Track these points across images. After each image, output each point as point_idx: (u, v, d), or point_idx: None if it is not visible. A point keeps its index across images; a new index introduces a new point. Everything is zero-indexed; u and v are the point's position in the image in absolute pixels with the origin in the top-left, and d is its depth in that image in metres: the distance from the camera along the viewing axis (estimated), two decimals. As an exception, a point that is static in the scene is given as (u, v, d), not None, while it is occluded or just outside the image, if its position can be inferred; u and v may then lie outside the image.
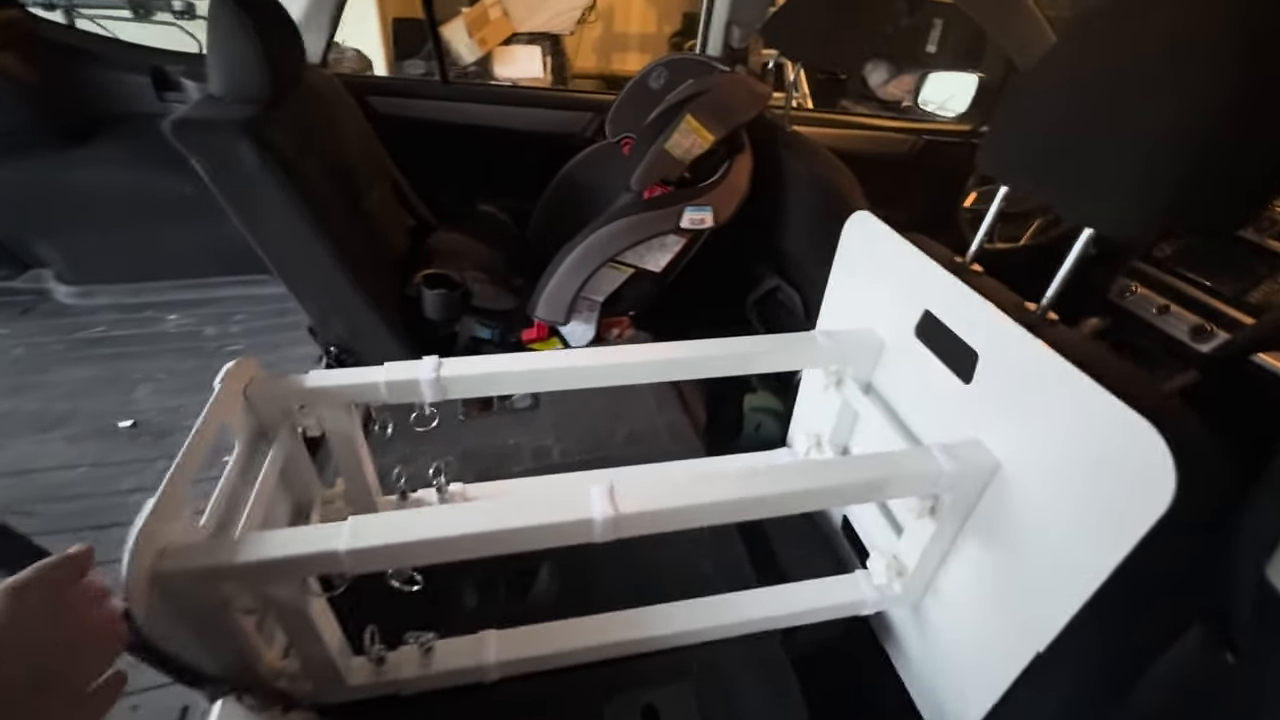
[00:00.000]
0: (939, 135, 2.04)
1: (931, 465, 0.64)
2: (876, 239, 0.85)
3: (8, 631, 0.37)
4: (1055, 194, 0.63)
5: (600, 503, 0.58)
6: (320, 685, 0.68)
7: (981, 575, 0.69)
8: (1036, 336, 0.60)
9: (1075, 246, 0.62)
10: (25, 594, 0.39)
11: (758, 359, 0.85)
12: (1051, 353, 0.58)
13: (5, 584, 0.38)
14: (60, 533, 1.00)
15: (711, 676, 0.76)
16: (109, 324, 1.56)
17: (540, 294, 1.34)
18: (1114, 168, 0.56)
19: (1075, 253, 0.62)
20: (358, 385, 0.74)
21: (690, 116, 1.19)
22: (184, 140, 1.03)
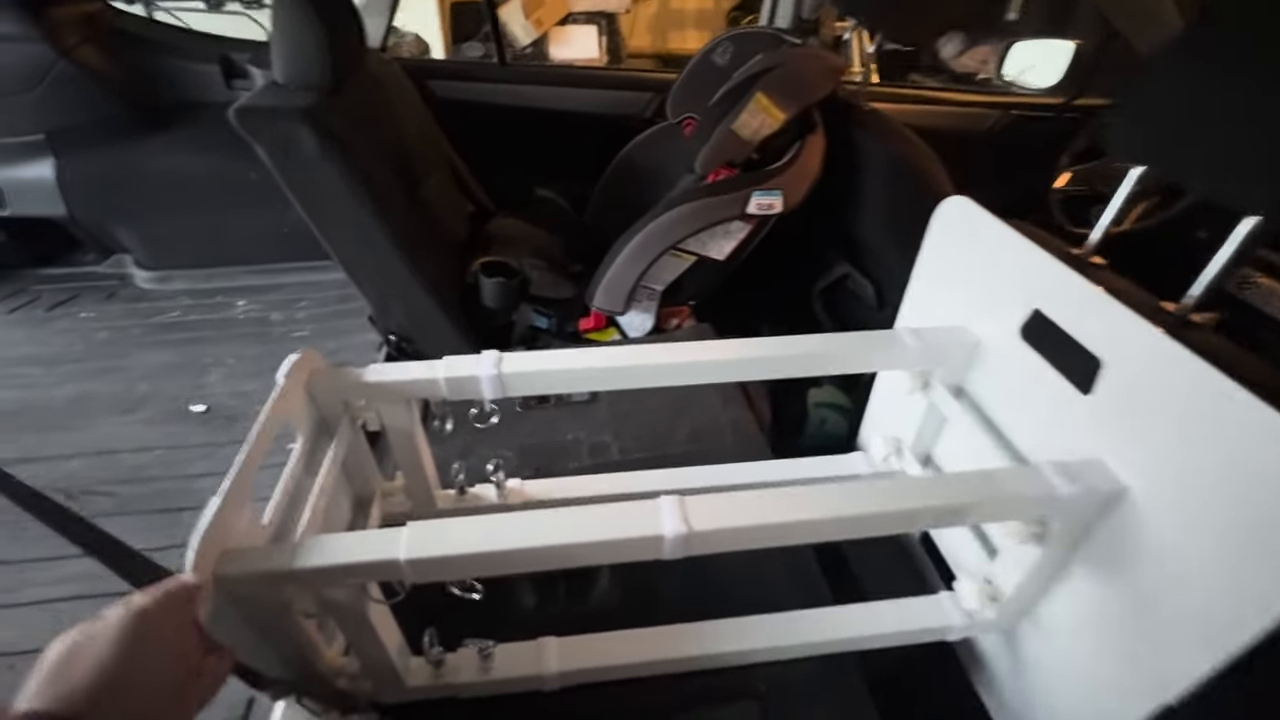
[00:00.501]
0: (1027, 109, 1.88)
1: (1043, 487, 0.57)
2: (974, 227, 0.77)
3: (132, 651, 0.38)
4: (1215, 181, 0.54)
5: (672, 519, 0.53)
6: (379, 685, 0.67)
7: (1095, 610, 0.62)
8: (1180, 343, 0.52)
9: (1236, 236, 0.53)
10: (147, 616, 0.40)
11: (837, 360, 0.79)
12: (1201, 363, 0.50)
13: (130, 605, 0.40)
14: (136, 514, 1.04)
15: (782, 698, 0.71)
16: (183, 309, 1.62)
17: (599, 282, 1.30)
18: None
19: (1236, 244, 0.53)
20: (417, 381, 0.72)
21: (761, 94, 1.11)
22: (247, 127, 1.04)
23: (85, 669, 0.37)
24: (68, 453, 1.19)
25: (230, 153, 1.53)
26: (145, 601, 0.41)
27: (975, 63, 4.03)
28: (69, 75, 1.50)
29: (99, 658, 0.38)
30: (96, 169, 1.59)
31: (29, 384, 1.38)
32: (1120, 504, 0.57)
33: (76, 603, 0.96)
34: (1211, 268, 0.56)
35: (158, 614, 0.41)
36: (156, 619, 0.41)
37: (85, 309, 1.64)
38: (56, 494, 1.10)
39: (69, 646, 0.38)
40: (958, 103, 1.88)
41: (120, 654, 0.38)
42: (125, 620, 0.39)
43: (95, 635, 0.39)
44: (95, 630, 0.39)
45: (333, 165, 1.07)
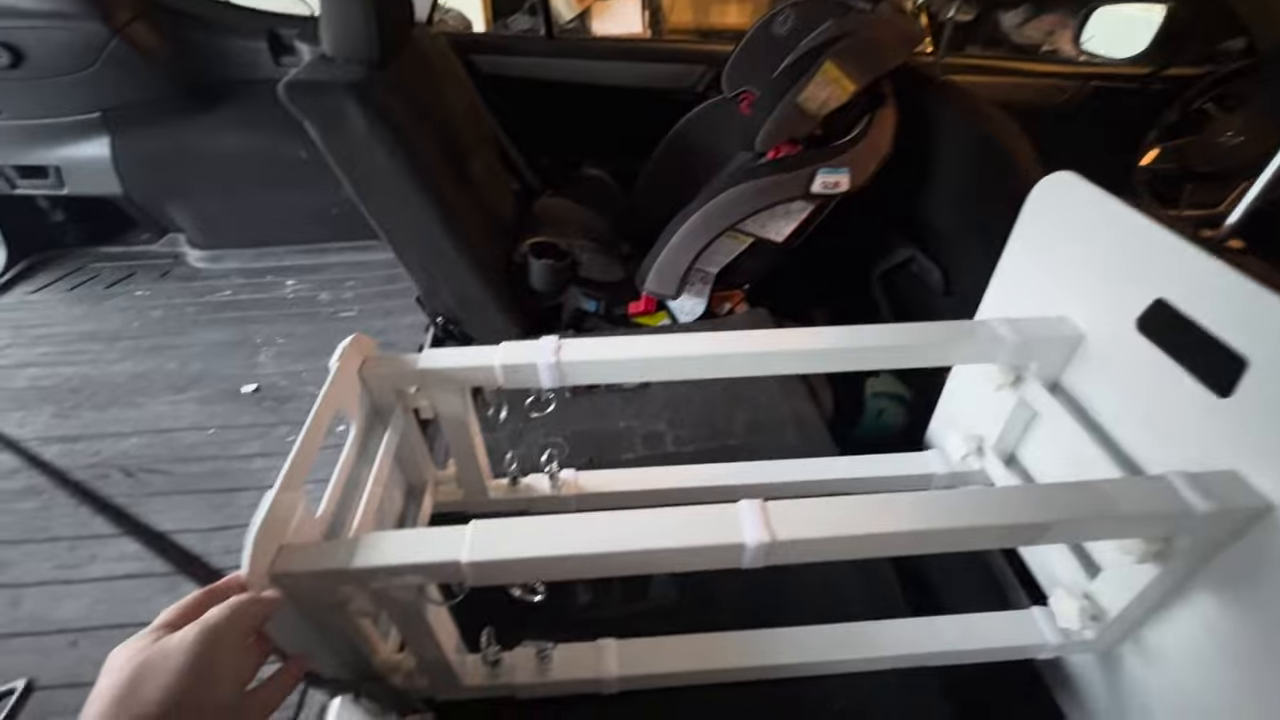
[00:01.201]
0: (1109, 81, 1.74)
1: (1174, 502, 0.50)
2: (1082, 205, 0.69)
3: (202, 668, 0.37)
4: None
5: (753, 526, 0.49)
6: (435, 683, 0.65)
7: (1219, 637, 0.55)
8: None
9: None
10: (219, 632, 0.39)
11: (917, 352, 0.72)
12: None
13: (205, 623, 0.39)
14: (192, 493, 1.05)
15: (857, 715, 0.66)
16: (235, 288, 1.63)
17: (651, 265, 1.25)
18: None
19: None
20: (473, 368, 0.69)
21: (830, 63, 1.03)
22: (296, 102, 1.01)
23: (158, 689, 0.35)
24: (126, 430, 1.21)
25: (279, 131, 1.52)
26: (215, 618, 0.39)
27: (1040, 33, 3.78)
28: (122, 53, 1.50)
29: (172, 676, 0.36)
30: (149, 147, 1.60)
31: (91, 360, 1.41)
32: (1261, 522, 0.50)
33: (136, 581, 0.97)
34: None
35: (228, 629, 0.39)
36: (227, 634, 0.39)
37: (141, 287, 1.67)
38: (115, 471, 1.13)
39: (140, 665, 0.36)
40: (1033, 74, 1.75)
41: (192, 672, 0.37)
42: (199, 638, 0.38)
43: (168, 653, 0.37)
44: (168, 648, 0.37)
45: (382, 141, 1.04)
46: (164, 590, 0.95)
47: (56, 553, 1.01)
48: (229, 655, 0.39)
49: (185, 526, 1.02)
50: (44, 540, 1.03)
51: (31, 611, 0.94)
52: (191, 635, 0.38)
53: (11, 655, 0.88)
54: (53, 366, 1.40)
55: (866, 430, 1.44)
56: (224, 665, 0.38)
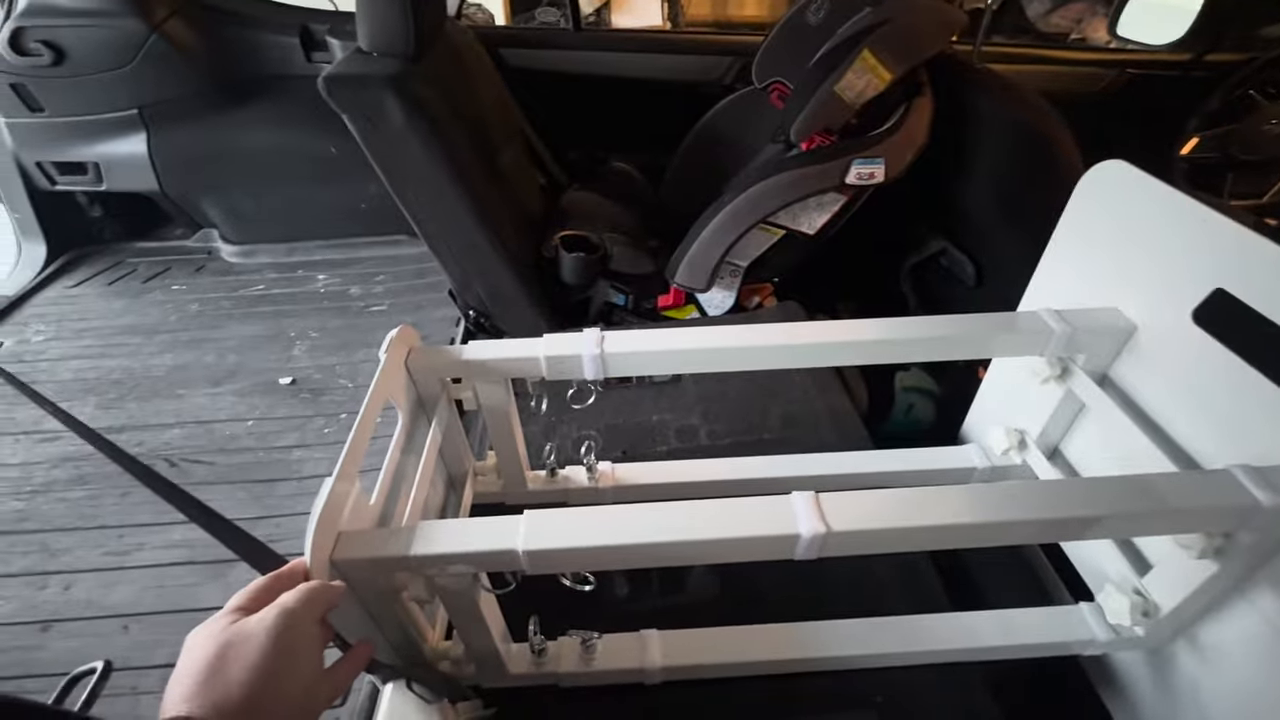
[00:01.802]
0: (1147, 69, 1.70)
1: (1238, 495, 0.49)
2: (1133, 194, 0.67)
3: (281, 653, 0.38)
4: None
5: (808, 518, 0.49)
6: (481, 670, 0.66)
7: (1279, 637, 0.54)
8: None
9: None
10: (295, 616, 0.40)
11: (962, 344, 0.71)
12: None
13: (282, 606, 0.40)
14: (233, 483, 1.07)
15: (898, 709, 0.66)
16: (268, 283, 1.66)
17: (681, 258, 1.24)
18: None
19: None
20: (517, 360, 0.69)
21: (868, 51, 1.02)
22: (335, 96, 1.02)
23: (242, 669, 0.36)
24: (168, 421, 1.24)
25: (311, 127, 1.54)
26: (292, 603, 0.40)
27: (1068, 21, 3.69)
28: (160, 50, 1.53)
29: (255, 657, 0.37)
30: (184, 143, 1.63)
31: (131, 352, 1.44)
32: (1329, 519, 0.49)
33: (185, 568, 1.00)
34: None
35: (305, 613, 0.40)
36: (303, 617, 0.40)
37: (177, 281, 1.71)
38: (160, 461, 1.16)
39: (222, 644, 0.37)
40: (1069, 63, 1.71)
41: (274, 653, 0.37)
42: (279, 620, 0.39)
43: (249, 634, 0.38)
44: (249, 629, 0.38)
45: (418, 134, 1.05)
46: (211, 577, 0.97)
47: (106, 540, 1.04)
48: (306, 638, 0.40)
49: (228, 516, 1.04)
50: (93, 528, 1.06)
51: (84, 597, 0.97)
52: (271, 617, 0.39)
53: (67, 639, 0.91)
54: (95, 359, 1.44)
55: (896, 425, 1.42)
56: (302, 647, 0.39)
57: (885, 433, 1.41)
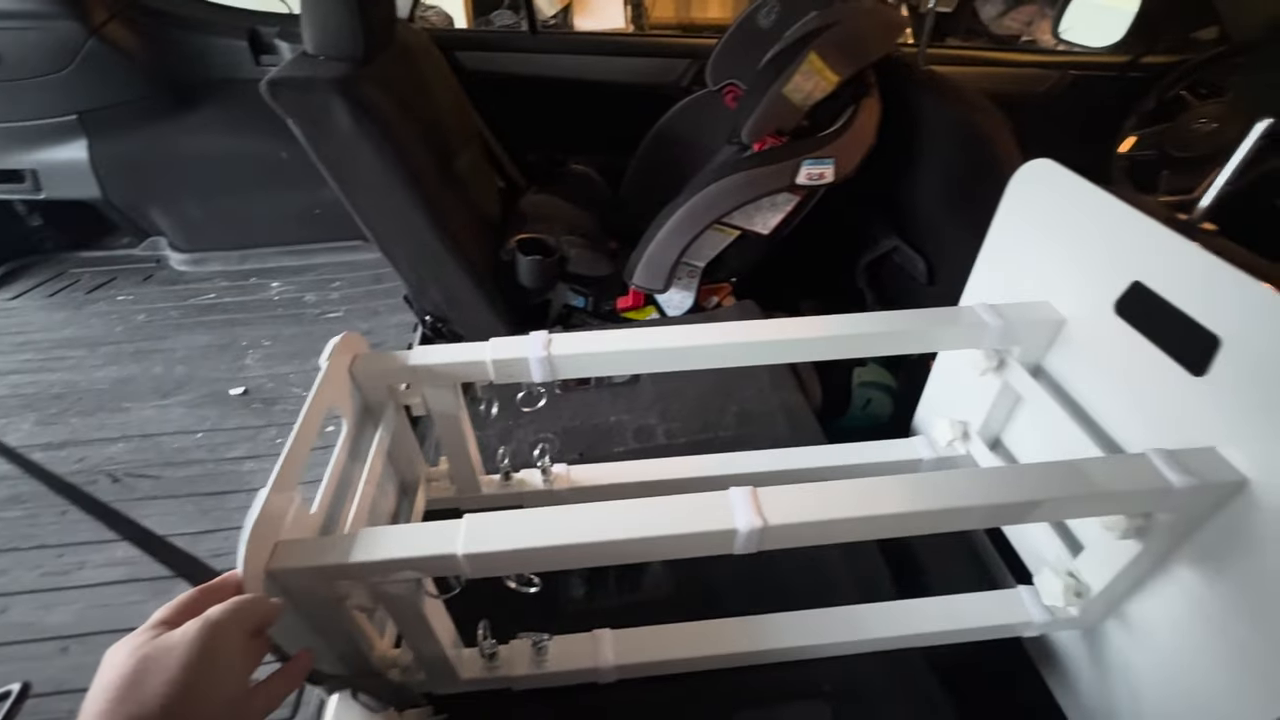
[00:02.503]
0: (1088, 70, 1.77)
1: (1154, 479, 0.52)
2: (1061, 192, 0.70)
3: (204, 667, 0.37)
4: None
5: (744, 512, 0.49)
6: (432, 677, 0.65)
7: (1201, 610, 0.56)
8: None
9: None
10: (220, 629, 0.39)
11: (903, 339, 0.73)
12: None
13: (206, 620, 0.39)
14: (182, 497, 1.04)
15: (850, 695, 0.67)
16: (219, 291, 1.62)
17: (638, 260, 1.25)
18: None
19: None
20: (464, 364, 0.69)
21: (814, 54, 1.04)
22: (279, 100, 1.00)
23: (161, 684, 0.35)
24: (112, 435, 1.20)
25: (261, 131, 1.51)
26: (217, 615, 0.39)
27: (1019, 24, 3.82)
28: (99, 54, 1.48)
29: (175, 671, 0.36)
30: (128, 150, 1.58)
31: (73, 366, 1.39)
32: (1238, 496, 0.52)
33: (126, 586, 0.96)
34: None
35: (230, 625, 0.39)
36: (229, 630, 0.39)
37: (123, 291, 1.65)
38: (102, 477, 1.12)
39: (140, 661, 0.36)
40: (1013, 64, 1.76)
41: (195, 667, 0.36)
42: (200, 634, 0.38)
43: (170, 648, 0.37)
44: (170, 643, 0.37)
45: (367, 138, 1.04)
46: (155, 595, 0.94)
47: (44, 560, 1.00)
48: (231, 652, 0.39)
49: (174, 530, 1.01)
50: (31, 548, 1.02)
51: (21, 619, 0.93)
52: (194, 631, 0.38)
53: (1, 664, 0.87)
54: (34, 374, 1.39)
55: (854, 420, 1.45)
56: (226, 661, 0.38)
57: (844, 427, 1.44)
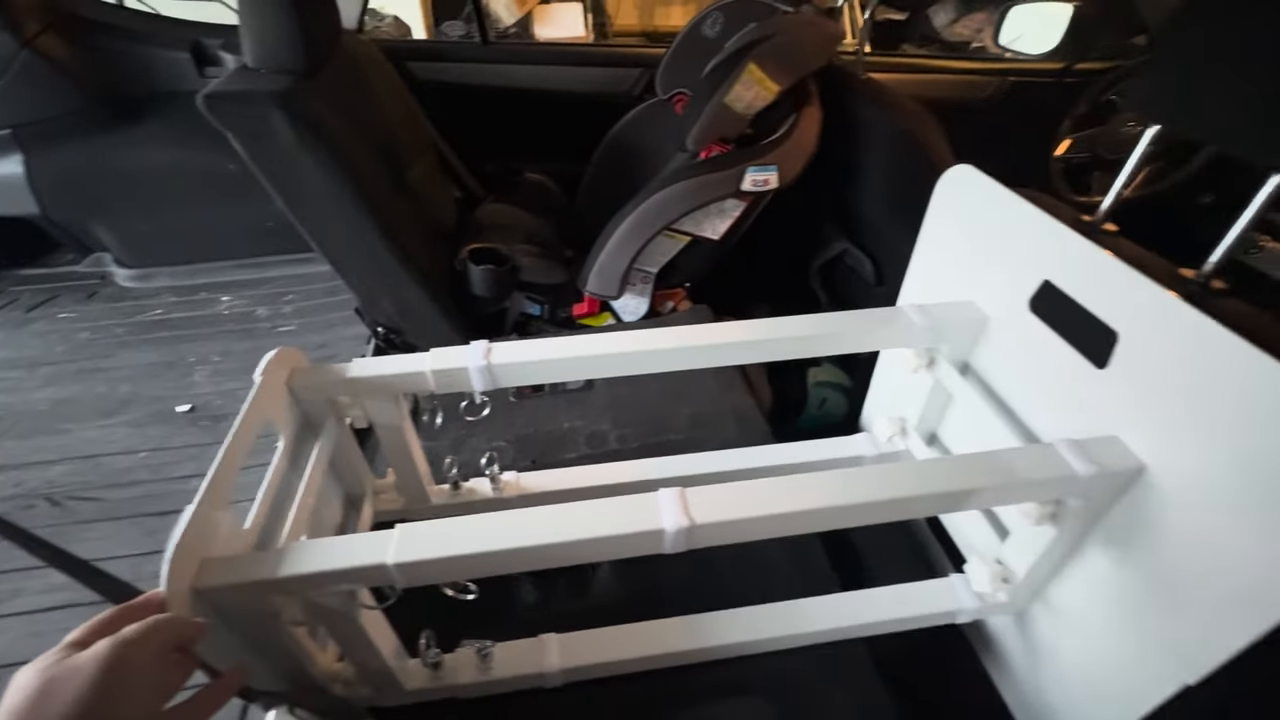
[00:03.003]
0: (1026, 76, 1.84)
1: (1059, 468, 0.54)
2: (980, 196, 0.73)
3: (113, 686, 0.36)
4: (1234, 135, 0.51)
5: (672, 512, 0.51)
6: (377, 690, 0.65)
7: (1112, 589, 0.60)
8: (1201, 311, 0.49)
9: (1259, 196, 0.50)
10: (133, 646, 0.38)
11: (840, 339, 0.76)
12: (1225, 332, 0.47)
13: (116, 637, 0.38)
14: (124, 519, 1.01)
15: (791, 688, 0.69)
16: (167, 307, 1.58)
17: (591, 267, 1.26)
18: None
19: (1259, 205, 0.50)
20: (403, 375, 0.69)
21: (753, 64, 1.07)
22: (217, 114, 0.99)
23: (63, 704, 0.35)
24: (52, 458, 1.16)
25: (206, 144, 1.47)
26: (131, 634, 0.39)
27: (969, 31, 3.95)
28: (33, 67, 1.44)
29: (79, 691, 0.35)
30: (68, 164, 1.54)
31: (9, 388, 1.35)
32: (1138, 482, 0.55)
33: (65, 612, 0.94)
34: (1234, 231, 0.53)
35: (143, 643, 0.39)
36: (141, 648, 0.38)
37: (65, 309, 1.60)
38: (41, 501, 1.09)
39: (46, 680, 0.35)
40: (955, 71, 1.83)
41: (100, 687, 0.36)
42: (110, 653, 0.37)
43: (77, 668, 0.36)
44: (77, 663, 0.36)
45: (311, 152, 1.03)
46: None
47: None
48: (143, 671, 0.38)
49: (116, 553, 0.99)
50: (-36, 577, 0.99)
51: (-48, 651, 0.90)
52: (103, 650, 0.37)
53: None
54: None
55: (810, 419, 1.48)
56: (136, 681, 0.38)
57: (802, 426, 1.47)
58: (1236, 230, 0.53)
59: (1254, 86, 0.49)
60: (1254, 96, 0.49)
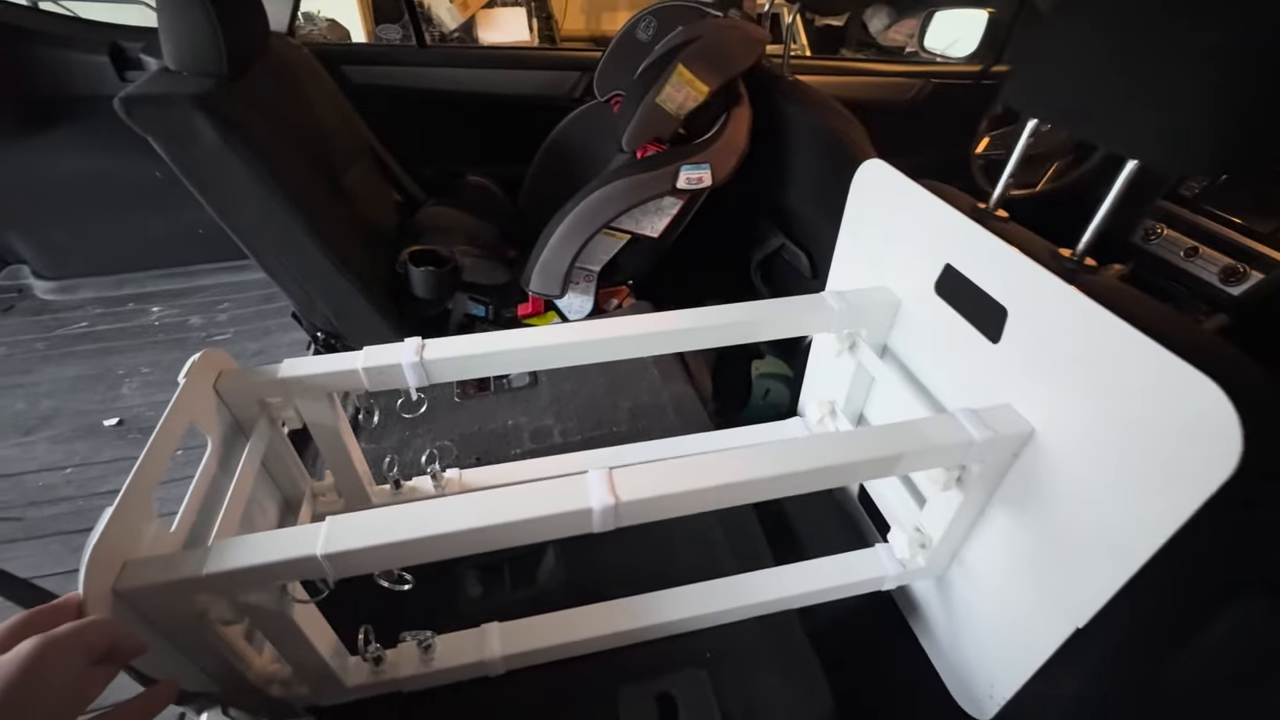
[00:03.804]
0: (947, 78, 1.94)
1: (959, 434, 0.59)
2: (890, 188, 0.78)
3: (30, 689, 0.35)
4: (1095, 125, 0.56)
5: (599, 491, 0.53)
6: (316, 689, 0.65)
7: (1013, 547, 0.65)
8: (1073, 286, 0.54)
9: (1118, 181, 0.55)
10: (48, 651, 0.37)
11: (764, 326, 0.79)
12: (1091, 303, 0.52)
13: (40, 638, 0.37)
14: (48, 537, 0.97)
15: (728, 660, 0.72)
16: (91, 319, 1.52)
17: (533, 266, 1.28)
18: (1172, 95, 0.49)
19: (1117, 188, 0.55)
20: (335, 373, 0.69)
21: (682, 67, 1.10)
22: (136, 118, 0.97)
23: None
24: (-33, 479, 1.10)
25: (132, 150, 1.41)
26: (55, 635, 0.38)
27: (903, 36, 4.13)
28: (-66, 70, 1.37)
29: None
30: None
31: (-81, 409, 1.27)
32: (1029, 445, 0.60)
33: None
34: (1099, 214, 0.59)
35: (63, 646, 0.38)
36: (60, 652, 0.37)
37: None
38: (-44, 523, 1.03)
39: None
40: (881, 74, 1.91)
41: (17, 691, 0.35)
42: (29, 654, 0.36)
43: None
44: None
45: (238, 156, 1.01)
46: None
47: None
48: (65, 676, 0.37)
49: (42, 571, 0.95)
50: None
51: None
52: (25, 651, 0.36)
53: None
54: (-128, 420, 1.26)
55: (755, 410, 1.53)
56: (59, 685, 0.37)
57: (746, 417, 1.51)
58: (1101, 213, 0.59)
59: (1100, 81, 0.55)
60: (1102, 90, 0.55)
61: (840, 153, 1.12)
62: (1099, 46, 0.55)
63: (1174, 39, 0.49)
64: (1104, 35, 0.54)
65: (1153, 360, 0.47)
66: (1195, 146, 0.50)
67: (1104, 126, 0.56)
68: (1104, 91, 0.55)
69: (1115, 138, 0.56)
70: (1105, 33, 0.54)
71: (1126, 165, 0.55)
